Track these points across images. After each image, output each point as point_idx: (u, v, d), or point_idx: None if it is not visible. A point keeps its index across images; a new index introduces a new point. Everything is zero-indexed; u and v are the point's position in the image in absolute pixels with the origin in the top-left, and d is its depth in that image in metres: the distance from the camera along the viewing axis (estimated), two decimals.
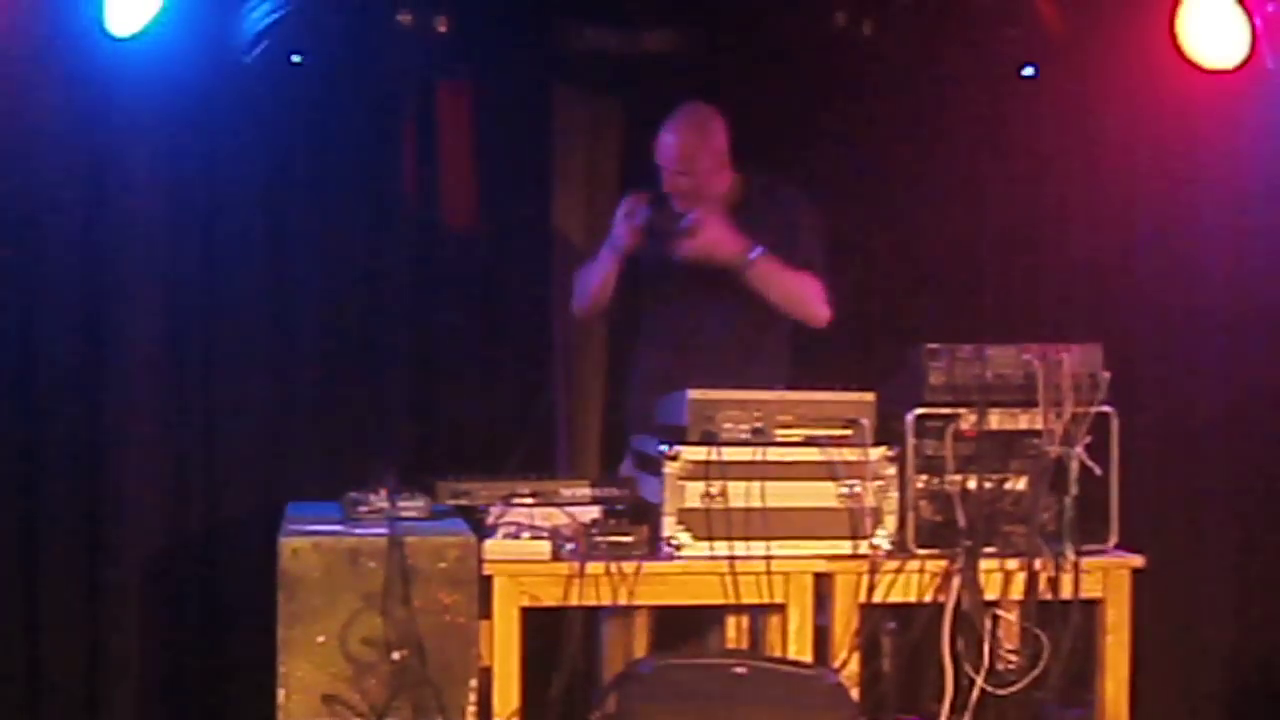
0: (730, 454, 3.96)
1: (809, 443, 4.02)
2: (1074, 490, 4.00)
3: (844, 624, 3.99)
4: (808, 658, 3.95)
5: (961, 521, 3.99)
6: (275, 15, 4.67)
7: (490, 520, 3.97)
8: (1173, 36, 4.91)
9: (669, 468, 3.95)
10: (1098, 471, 4.02)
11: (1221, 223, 5.19)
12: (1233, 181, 5.16)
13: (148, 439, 4.87)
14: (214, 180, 4.94)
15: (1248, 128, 5.09)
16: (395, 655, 3.70)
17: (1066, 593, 3.98)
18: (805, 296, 4.53)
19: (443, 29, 4.81)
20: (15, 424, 4.79)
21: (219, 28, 4.76)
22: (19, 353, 4.79)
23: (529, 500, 4.06)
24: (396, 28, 4.77)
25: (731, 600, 3.96)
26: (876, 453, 4.02)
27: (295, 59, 4.82)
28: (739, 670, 3.73)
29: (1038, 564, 4.00)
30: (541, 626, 3.94)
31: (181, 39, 4.71)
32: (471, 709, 3.75)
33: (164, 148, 4.88)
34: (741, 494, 3.94)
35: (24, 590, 4.79)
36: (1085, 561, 4.00)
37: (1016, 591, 4.03)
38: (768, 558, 3.93)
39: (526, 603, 3.88)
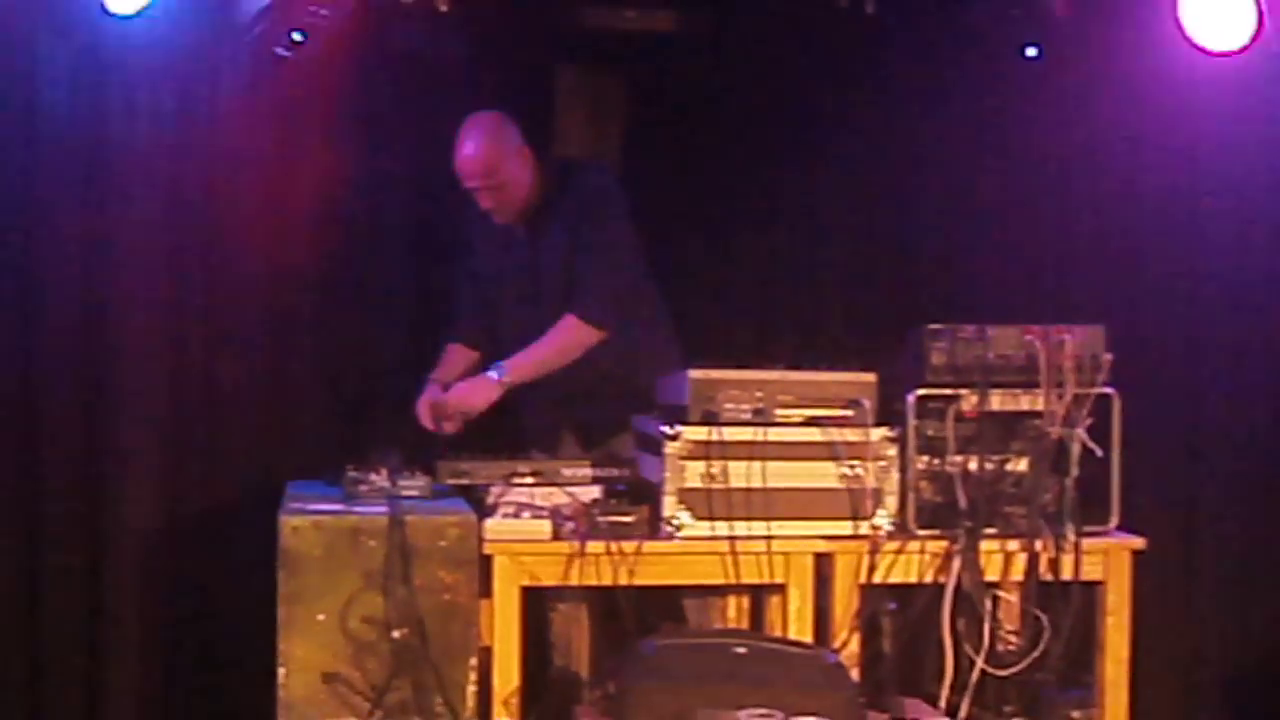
0: (731, 434, 3.95)
1: (810, 423, 4.01)
2: (1075, 472, 4.00)
3: (844, 604, 3.99)
4: (808, 638, 3.95)
5: (962, 502, 3.99)
6: None
7: (491, 500, 3.97)
8: (1177, 18, 4.89)
9: (670, 447, 3.94)
10: (1099, 453, 4.01)
11: (1224, 204, 5.17)
12: (1236, 163, 5.14)
13: (148, 417, 4.87)
14: (215, 158, 4.93)
15: (1252, 110, 5.07)
16: (395, 634, 3.71)
17: (1067, 574, 3.98)
18: (565, 352, 4.44)
19: (444, 8, 4.80)
20: (16, 401, 4.78)
21: (220, 6, 4.75)
22: (19, 328, 4.79)
23: (529, 480, 4.06)
24: (398, 6, 4.76)
25: (732, 580, 3.95)
26: (878, 433, 4.01)
27: (295, 37, 4.81)
28: (739, 650, 3.73)
29: (1038, 545, 4.00)
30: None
31: (183, 17, 4.70)
32: (471, 688, 3.75)
33: (165, 125, 4.87)
34: (742, 474, 3.94)
35: (25, 567, 4.79)
36: (1086, 543, 4.00)
37: (1017, 573, 4.03)
38: (768, 538, 3.93)
39: (527, 582, 3.88)
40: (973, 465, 4.02)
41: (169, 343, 4.91)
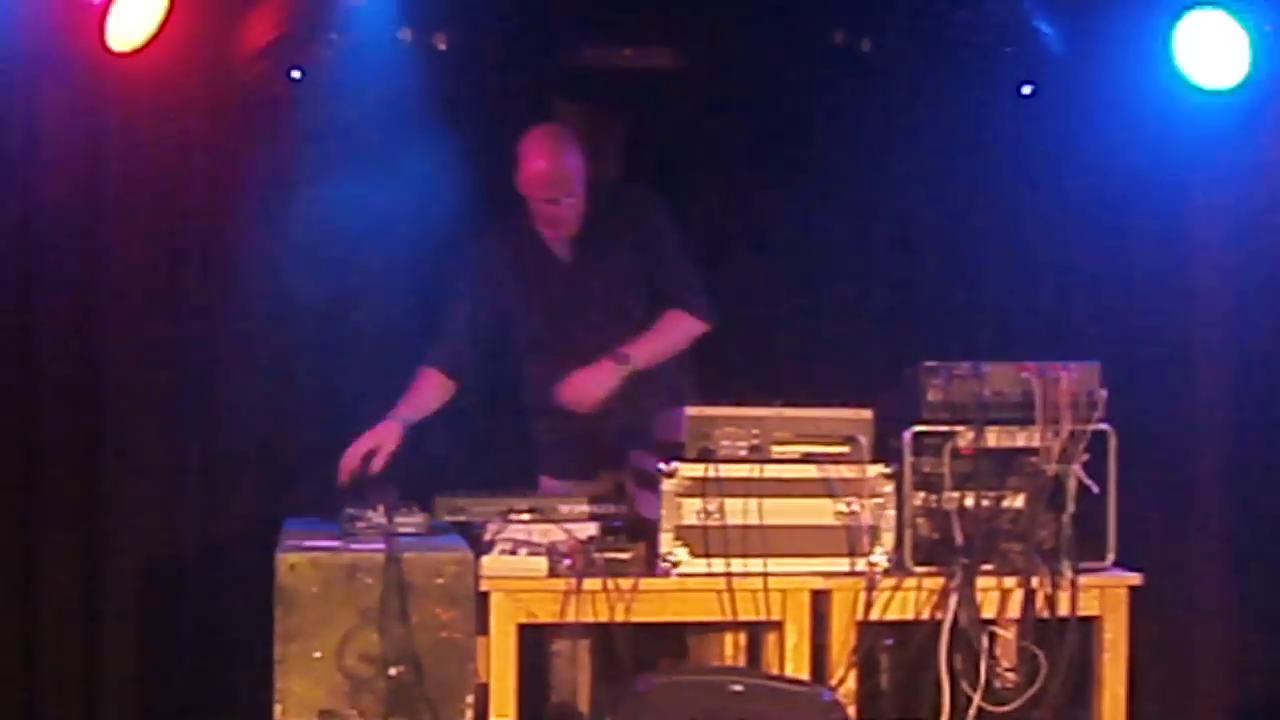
0: (728, 471, 3.96)
1: (807, 460, 4.02)
2: (1071, 508, 4.00)
3: (841, 641, 3.98)
4: (805, 675, 3.95)
5: (959, 539, 3.99)
6: (275, 32, 4.68)
7: (488, 536, 3.97)
8: (1171, 55, 4.92)
9: (666, 484, 3.95)
10: (1095, 489, 4.01)
11: (1219, 241, 5.20)
12: (1230, 200, 5.17)
13: (146, 453, 4.87)
14: (213, 195, 4.96)
15: (1246, 145, 5.10)
16: (392, 671, 3.70)
17: (1064, 610, 3.98)
18: (684, 339, 4.59)
19: (442, 46, 4.83)
20: (14, 437, 4.79)
21: (219, 43, 4.77)
22: (18, 364, 4.80)
23: (526, 517, 4.06)
24: (396, 44, 4.79)
25: (729, 617, 3.95)
26: (874, 470, 4.02)
27: (294, 75, 4.84)
28: (736, 688, 3.73)
29: (1035, 582, 4.00)
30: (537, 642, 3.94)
31: (182, 55, 4.73)
32: None
33: (164, 163, 4.89)
34: (739, 511, 3.94)
35: (22, 603, 4.79)
36: (1082, 579, 4.00)
37: (1014, 609, 4.03)
38: (765, 575, 3.92)
39: (523, 619, 3.88)
40: (969, 502, 4.02)
41: (166, 378, 4.92)
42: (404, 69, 4.92)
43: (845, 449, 4.03)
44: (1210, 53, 4.88)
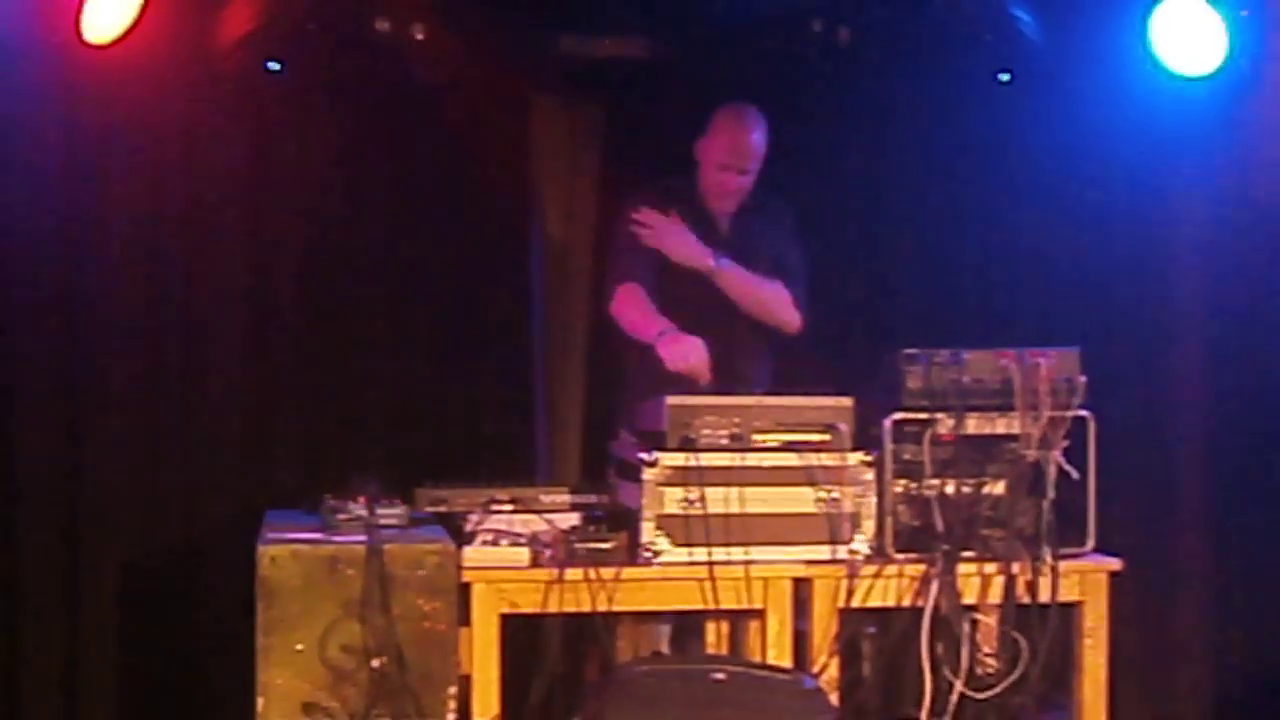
0: (709, 459, 3.96)
1: (787, 448, 4.03)
2: (1051, 494, 4.01)
3: (823, 629, 3.99)
4: (787, 663, 3.96)
5: (939, 526, 4.01)
6: (252, 23, 4.67)
7: (469, 527, 3.97)
8: (1147, 43, 4.93)
9: (648, 474, 3.95)
10: (1075, 475, 4.03)
11: (1197, 227, 5.21)
12: (1208, 186, 5.18)
13: (127, 446, 4.86)
14: (192, 187, 4.94)
15: (1222, 133, 5.11)
16: (374, 663, 3.70)
17: (1044, 596, 4.00)
18: (774, 302, 4.68)
19: (420, 36, 4.82)
20: None
21: (196, 35, 4.75)
22: None
23: (508, 507, 4.07)
24: (374, 35, 4.77)
25: (710, 606, 3.96)
26: (855, 458, 4.03)
27: (272, 66, 4.82)
28: (718, 675, 3.74)
29: (1016, 568, 4.01)
30: (520, 633, 3.94)
31: (158, 46, 4.70)
32: (451, 716, 3.75)
33: (141, 154, 4.87)
34: (720, 499, 3.95)
35: (2, 594, 4.77)
36: (1063, 565, 4.01)
37: (995, 595, 4.04)
38: (747, 563, 3.94)
39: (506, 609, 3.88)
40: (949, 489, 4.04)
41: (147, 372, 4.91)
42: (381, 60, 4.90)
43: (826, 437, 4.04)
44: (1187, 39, 4.89)
